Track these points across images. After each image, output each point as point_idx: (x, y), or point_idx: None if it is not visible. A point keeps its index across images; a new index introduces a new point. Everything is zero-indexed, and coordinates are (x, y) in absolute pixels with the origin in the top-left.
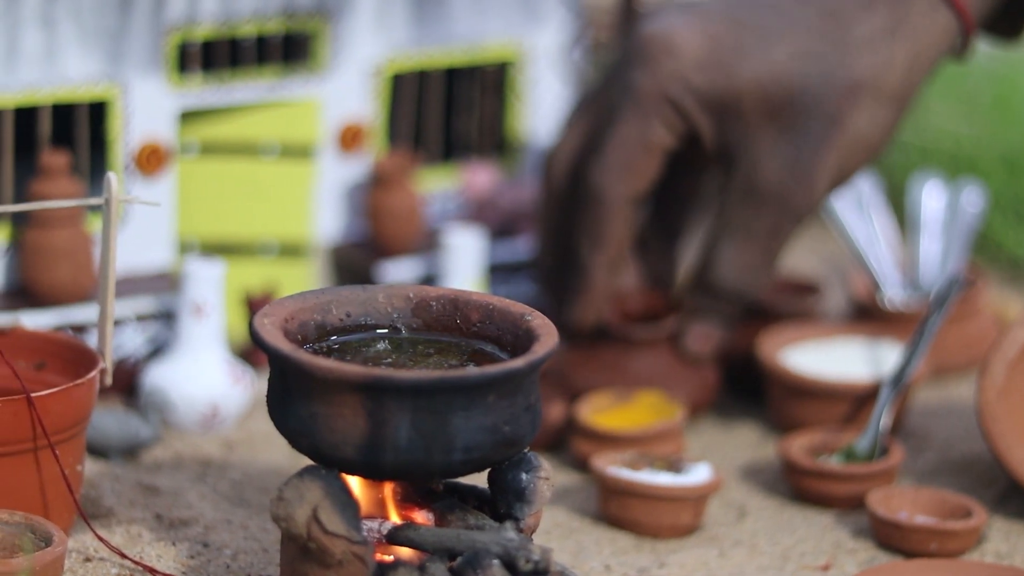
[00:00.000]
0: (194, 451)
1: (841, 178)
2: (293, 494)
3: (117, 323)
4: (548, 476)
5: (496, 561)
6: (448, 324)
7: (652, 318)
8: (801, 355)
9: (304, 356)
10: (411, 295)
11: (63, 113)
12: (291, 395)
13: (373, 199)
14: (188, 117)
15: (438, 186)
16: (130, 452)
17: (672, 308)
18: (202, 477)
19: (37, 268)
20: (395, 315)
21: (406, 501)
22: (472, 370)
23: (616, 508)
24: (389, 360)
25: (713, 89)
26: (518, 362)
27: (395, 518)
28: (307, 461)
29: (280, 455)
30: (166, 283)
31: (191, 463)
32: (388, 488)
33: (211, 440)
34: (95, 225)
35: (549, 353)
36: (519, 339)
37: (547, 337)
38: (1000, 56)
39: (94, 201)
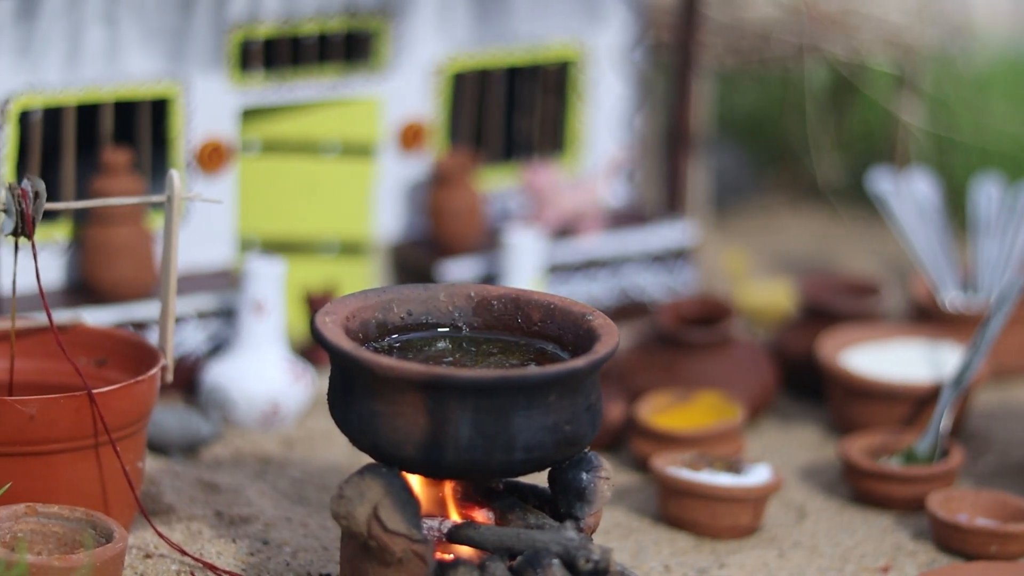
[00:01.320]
0: (254, 448)
1: None
2: (354, 492)
3: (178, 320)
4: (608, 476)
5: (556, 560)
6: (509, 323)
7: (709, 321)
8: (861, 356)
9: (366, 354)
10: (472, 294)
11: (125, 111)
12: (352, 393)
13: (434, 198)
14: (250, 115)
15: (499, 185)
16: (190, 449)
17: (729, 311)
18: (262, 474)
19: (98, 265)
20: (456, 314)
21: (466, 500)
22: (533, 369)
23: (676, 508)
24: (450, 359)
25: None
26: (579, 361)
27: (455, 517)
28: (367, 459)
29: (340, 453)
30: (227, 281)
31: (251, 460)
32: (448, 487)
33: (271, 437)
34: (156, 222)
35: (610, 353)
36: (580, 339)
37: (608, 337)
38: None
39: (157, 198)
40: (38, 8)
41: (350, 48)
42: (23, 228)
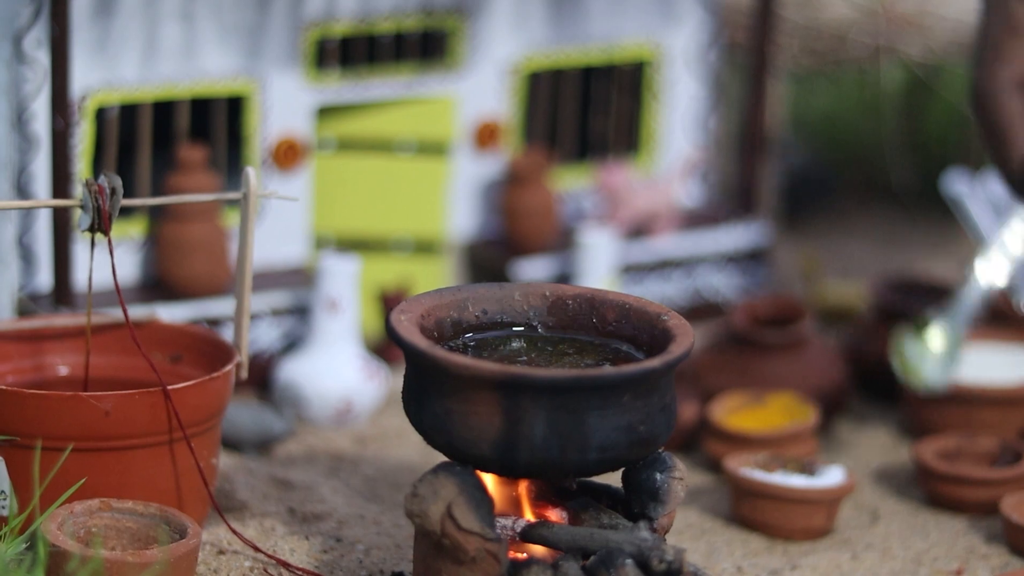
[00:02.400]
0: (327, 446)
1: None
2: (428, 490)
3: (252, 317)
4: (682, 476)
5: (629, 560)
6: (584, 323)
7: (782, 322)
8: None
9: (441, 353)
10: (547, 293)
11: (201, 108)
12: (427, 392)
13: (508, 197)
14: (325, 113)
15: (573, 185)
16: (263, 446)
17: (802, 312)
18: (335, 472)
19: (173, 261)
20: (531, 313)
21: (540, 499)
22: (608, 369)
23: (748, 509)
24: (525, 358)
25: None
26: (654, 362)
27: (529, 516)
28: (440, 457)
29: (412, 451)
30: (301, 278)
31: (324, 458)
32: (522, 486)
33: (344, 435)
34: (230, 219)
35: (685, 353)
36: (655, 339)
37: (683, 337)
38: None
39: (232, 195)
40: (115, 5)
41: (426, 47)
42: (99, 224)
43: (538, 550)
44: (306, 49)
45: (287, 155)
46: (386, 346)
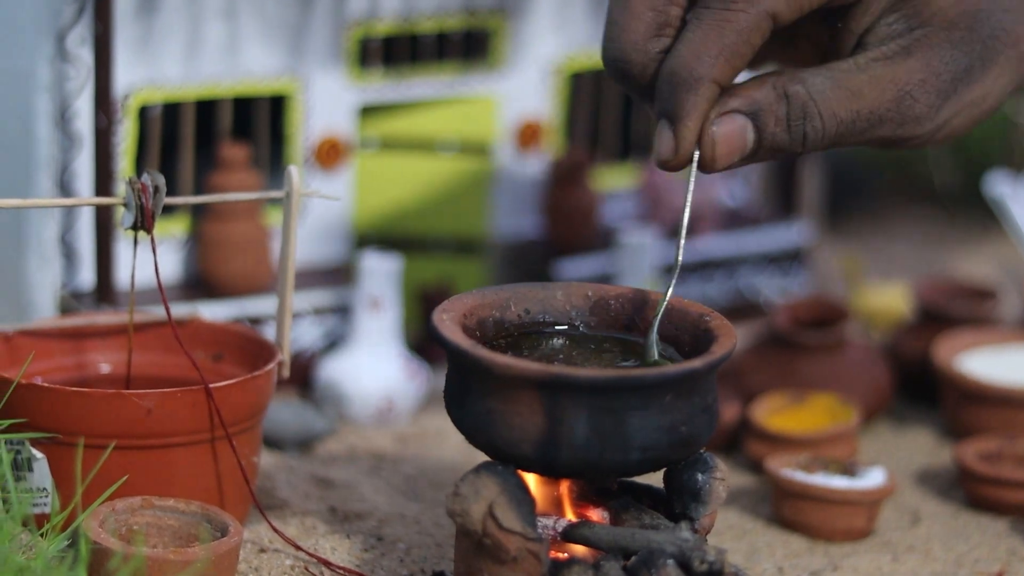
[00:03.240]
0: (368, 445)
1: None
2: (469, 490)
3: (294, 316)
4: (724, 477)
5: (671, 561)
6: (626, 323)
7: (824, 323)
8: (977, 361)
9: (483, 352)
10: (590, 293)
11: (243, 106)
12: (469, 391)
13: (550, 197)
14: (368, 112)
15: (615, 185)
16: (305, 444)
17: (844, 314)
18: (376, 471)
19: (215, 260)
20: (573, 313)
21: (581, 499)
22: (650, 370)
23: (790, 510)
24: (567, 358)
25: None
26: (696, 362)
27: (570, 516)
28: (481, 457)
29: (453, 450)
30: (343, 277)
31: (365, 456)
32: (564, 486)
33: (385, 434)
34: (272, 218)
35: (728, 354)
36: (697, 339)
37: (726, 338)
38: None
39: (275, 194)
40: (159, 3)
41: (468, 46)
42: (142, 222)
43: (579, 550)
44: (349, 48)
45: (329, 154)
46: (427, 345)
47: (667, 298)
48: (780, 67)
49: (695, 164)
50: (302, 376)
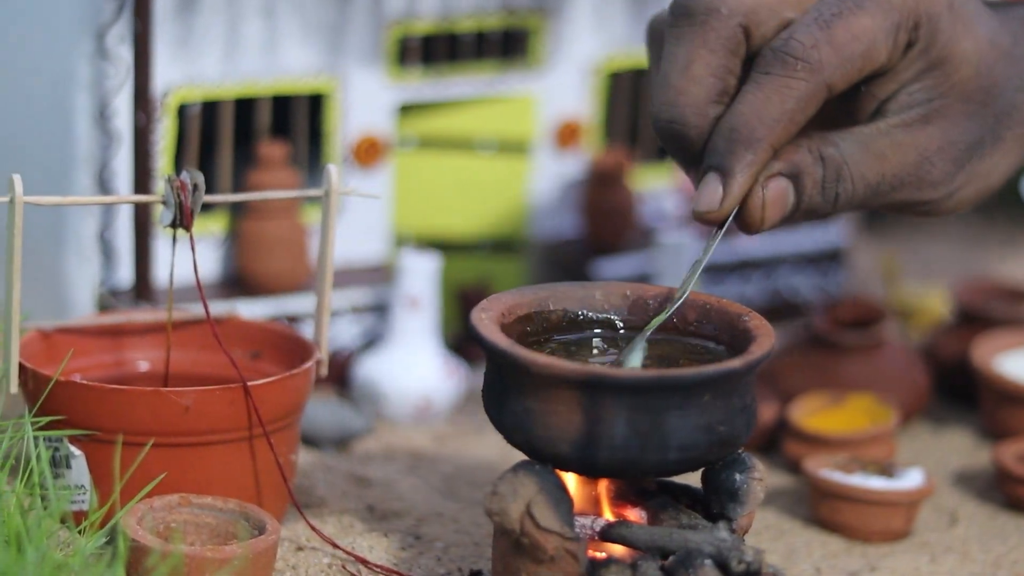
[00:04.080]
0: (405, 443)
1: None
2: (507, 489)
3: (332, 314)
4: (762, 477)
5: (708, 561)
6: (665, 323)
7: (862, 324)
8: (1015, 361)
9: (521, 352)
10: (628, 293)
11: (282, 105)
12: (507, 390)
13: (589, 196)
14: (406, 111)
15: (654, 184)
16: (342, 443)
17: (882, 314)
18: (413, 469)
19: (253, 258)
20: (612, 312)
21: (619, 498)
22: (689, 369)
23: (827, 511)
24: (606, 358)
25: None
26: (735, 362)
27: (608, 515)
28: (519, 456)
29: (491, 449)
30: (381, 276)
31: (403, 455)
32: (602, 485)
33: (422, 432)
34: (310, 216)
35: (767, 354)
36: (736, 339)
37: (765, 338)
38: None
39: (314, 192)
40: (198, 2)
41: (507, 45)
42: (181, 220)
43: (617, 549)
44: (388, 47)
45: (368, 153)
46: (465, 344)
47: (667, 315)
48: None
49: (730, 220)
50: (340, 375)
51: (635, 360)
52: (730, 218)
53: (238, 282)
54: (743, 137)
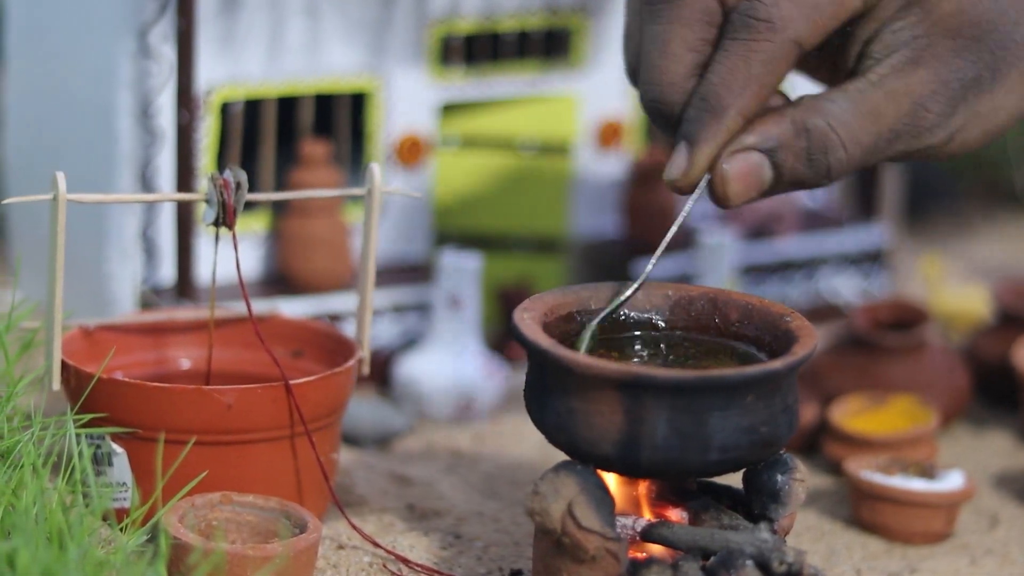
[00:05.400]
0: (446, 442)
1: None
2: (548, 488)
3: (374, 313)
4: (803, 478)
5: (750, 562)
6: (706, 323)
7: (904, 325)
8: None
9: (563, 352)
10: (670, 293)
11: (324, 103)
12: (549, 390)
13: (630, 196)
14: (449, 110)
15: None
16: (383, 442)
17: (924, 316)
18: (454, 468)
19: (295, 256)
20: (654, 312)
21: (660, 499)
22: (731, 370)
23: (868, 512)
24: (648, 358)
25: None
26: (777, 363)
27: (649, 516)
28: (559, 456)
29: (532, 449)
30: (422, 275)
31: (443, 454)
32: (643, 486)
33: (463, 432)
34: (352, 215)
35: (808, 355)
36: (778, 340)
37: (807, 339)
38: None
39: (356, 191)
40: (241, 0)
41: (549, 45)
42: (224, 218)
43: (658, 550)
44: (430, 46)
45: (410, 152)
46: (506, 344)
47: (621, 301)
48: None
49: (701, 187)
50: (381, 373)
51: (582, 345)
52: (701, 187)
53: (280, 280)
54: (710, 106)
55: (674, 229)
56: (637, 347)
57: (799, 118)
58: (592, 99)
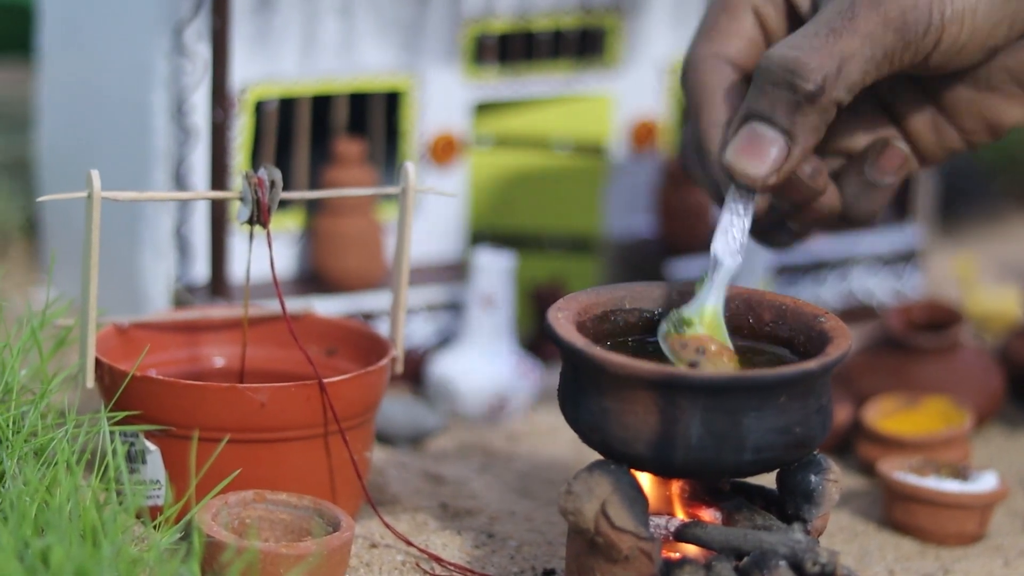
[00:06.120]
0: (479, 441)
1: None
2: (582, 488)
3: (408, 312)
4: (837, 479)
5: (783, 562)
6: (740, 323)
7: (937, 326)
8: None
9: (598, 352)
10: None
11: (358, 102)
12: (583, 390)
13: (664, 196)
14: (483, 109)
15: None
16: (416, 440)
17: (957, 317)
18: (487, 467)
19: (329, 255)
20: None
21: (694, 499)
22: (765, 371)
23: (901, 513)
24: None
25: None
26: (811, 364)
27: (682, 516)
28: (593, 455)
29: (565, 448)
30: (456, 274)
31: (476, 453)
32: (676, 485)
33: (496, 431)
34: (386, 214)
35: (843, 356)
36: (812, 341)
37: (841, 339)
38: None
39: (391, 190)
40: None
41: (583, 44)
42: (258, 217)
43: (691, 550)
44: (465, 45)
45: (444, 151)
46: (540, 343)
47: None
48: None
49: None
50: (414, 372)
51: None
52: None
53: (314, 279)
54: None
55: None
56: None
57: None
58: (626, 99)
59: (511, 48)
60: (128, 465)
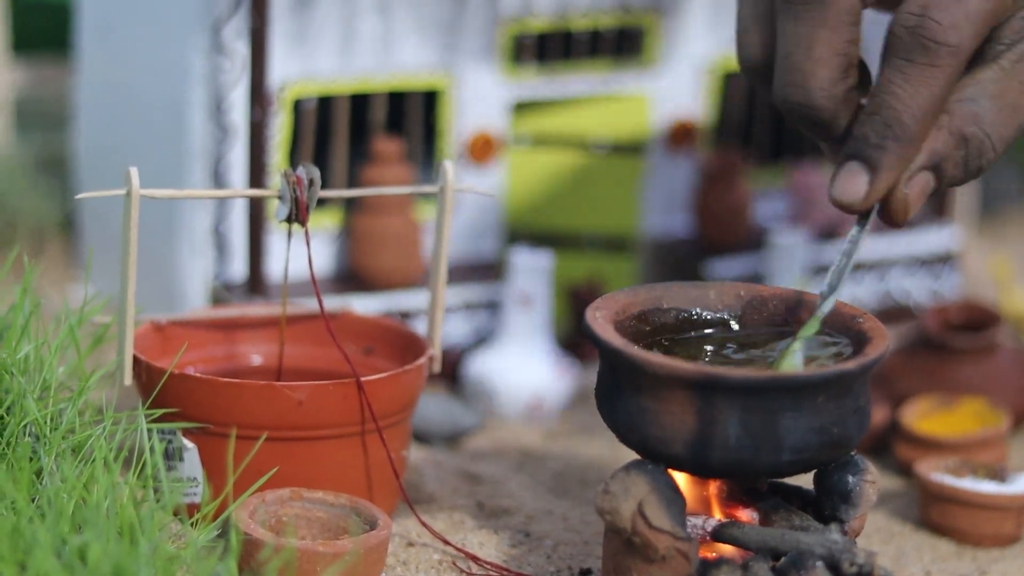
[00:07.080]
0: (516, 441)
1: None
2: (619, 488)
3: (445, 311)
4: (874, 480)
5: (820, 563)
6: (779, 323)
7: (974, 327)
8: None
9: (636, 351)
10: (742, 293)
11: (396, 101)
12: (621, 389)
13: (701, 196)
14: (521, 108)
15: (766, 185)
16: (453, 439)
17: (994, 318)
18: (523, 467)
19: (366, 254)
20: (726, 312)
21: (731, 499)
22: (803, 371)
23: (938, 514)
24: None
25: None
26: (849, 364)
27: (719, 516)
28: (629, 455)
29: (601, 448)
30: (494, 273)
31: (513, 452)
32: (713, 486)
33: (533, 430)
34: (424, 212)
35: (881, 356)
36: (850, 341)
37: (879, 340)
38: None
39: (429, 188)
40: None
41: (621, 44)
42: (297, 215)
43: (728, 550)
44: (503, 44)
45: (482, 149)
46: (577, 342)
47: (823, 313)
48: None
49: (874, 214)
50: (451, 371)
51: (796, 360)
52: (873, 212)
53: (351, 277)
54: (895, 134)
55: (851, 258)
56: (708, 347)
57: (956, 128)
58: (664, 98)
59: (549, 47)
60: (165, 462)
